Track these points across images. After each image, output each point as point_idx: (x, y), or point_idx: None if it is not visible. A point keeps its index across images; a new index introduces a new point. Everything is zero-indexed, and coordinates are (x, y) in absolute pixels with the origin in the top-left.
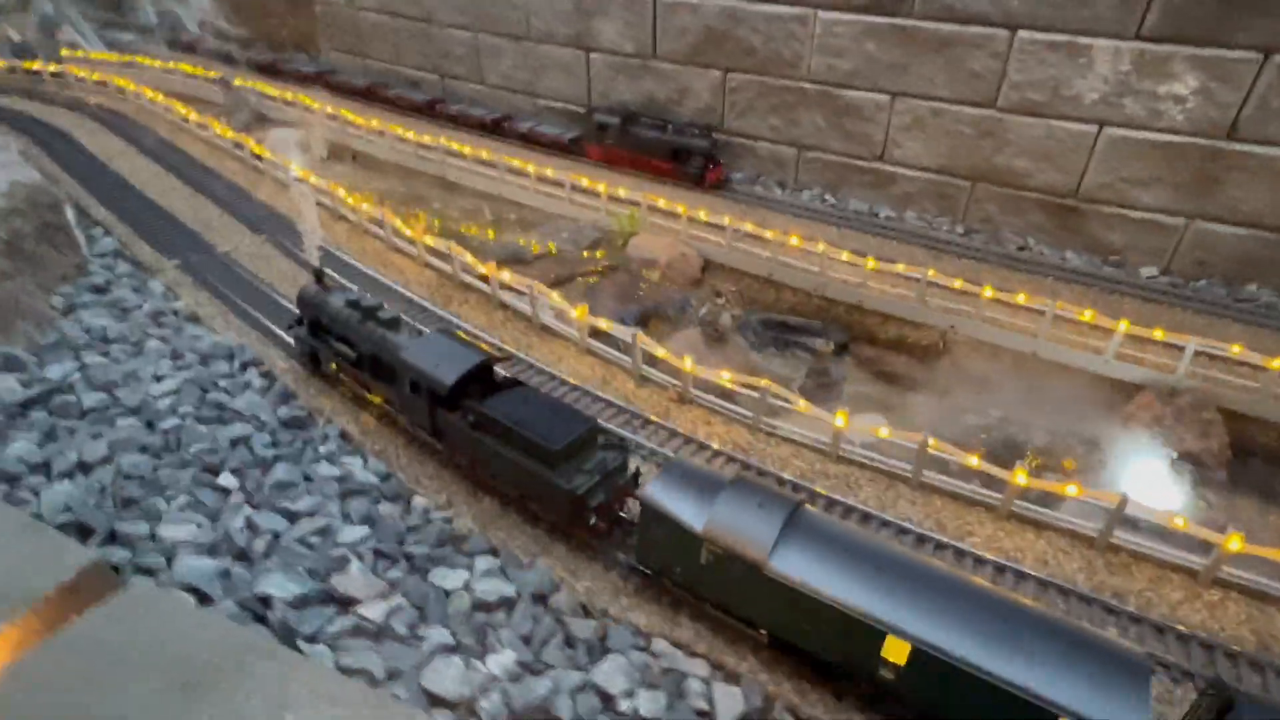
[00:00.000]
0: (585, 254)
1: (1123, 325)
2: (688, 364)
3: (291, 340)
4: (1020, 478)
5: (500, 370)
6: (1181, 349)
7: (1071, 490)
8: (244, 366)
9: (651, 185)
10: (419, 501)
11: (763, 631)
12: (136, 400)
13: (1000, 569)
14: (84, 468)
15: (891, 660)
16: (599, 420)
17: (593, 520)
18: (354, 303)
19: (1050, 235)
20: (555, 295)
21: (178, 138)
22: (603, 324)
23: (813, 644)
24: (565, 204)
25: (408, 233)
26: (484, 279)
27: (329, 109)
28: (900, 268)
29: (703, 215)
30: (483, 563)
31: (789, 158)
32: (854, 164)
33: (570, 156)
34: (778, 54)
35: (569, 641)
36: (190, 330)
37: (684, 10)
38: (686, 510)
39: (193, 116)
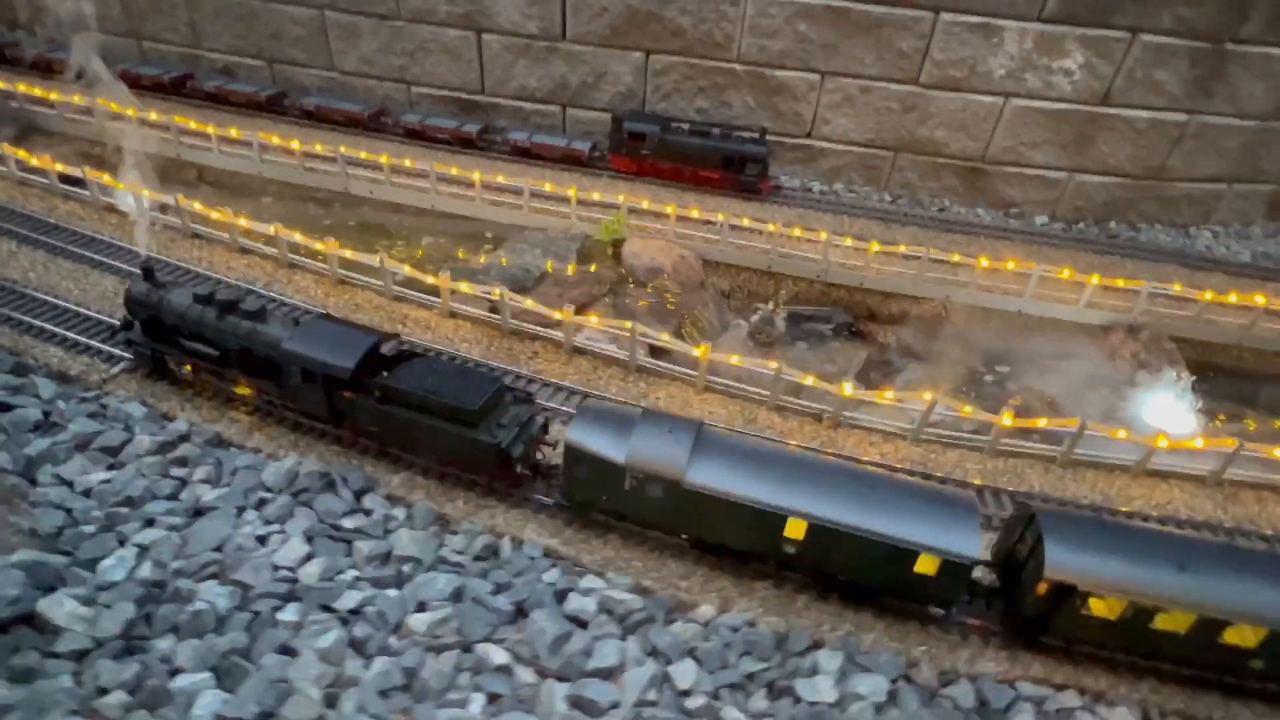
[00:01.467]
0: (574, 268)
1: (1094, 279)
2: (844, 389)
3: (119, 349)
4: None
5: (387, 345)
6: (1136, 292)
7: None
8: None
9: (687, 196)
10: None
11: (684, 536)
12: None
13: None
14: None
15: (792, 537)
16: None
17: (519, 469)
18: (205, 297)
19: (961, 196)
20: (628, 325)
21: None
22: (734, 359)
23: (728, 538)
24: (524, 213)
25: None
26: (555, 325)
27: (149, 114)
28: (902, 248)
29: (694, 213)
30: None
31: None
32: (785, 141)
33: (585, 170)
34: (708, 35)
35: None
36: None
37: None
38: (607, 446)
39: None
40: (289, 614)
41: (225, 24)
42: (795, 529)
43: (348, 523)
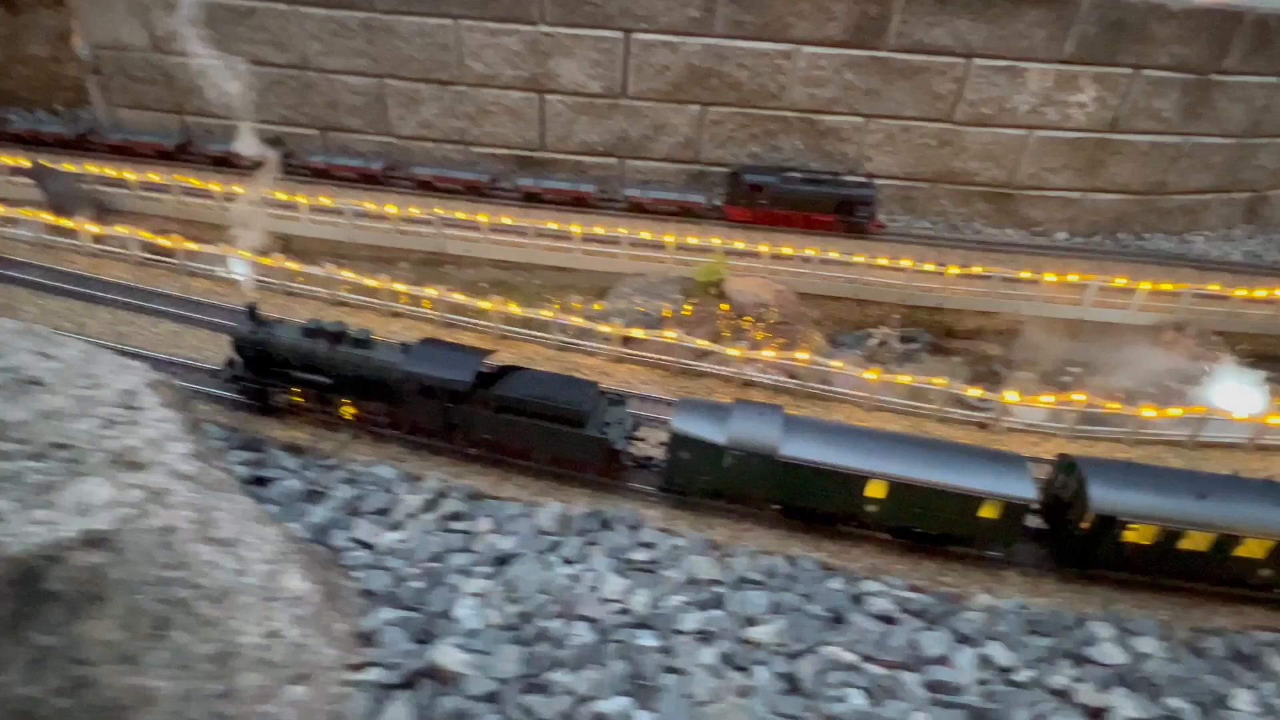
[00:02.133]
0: (689, 308)
1: (1145, 285)
2: (1005, 397)
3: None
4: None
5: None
6: (1178, 294)
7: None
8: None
9: (794, 238)
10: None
11: (775, 506)
12: None
13: None
14: None
15: (873, 496)
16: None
17: (623, 461)
18: (314, 331)
19: (990, 219)
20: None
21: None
22: (905, 379)
23: (815, 502)
24: (622, 261)
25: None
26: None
27: (259, 190)
28: (978, 269)
29: (786, 251)
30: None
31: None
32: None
33: (700, 220)
34: (763, 86)
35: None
36: None
37: (663, 49)
38: (708, 431)
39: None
40: (648, 639)
41: (279, 95)
42: (876, 489)
43: (638, 555)
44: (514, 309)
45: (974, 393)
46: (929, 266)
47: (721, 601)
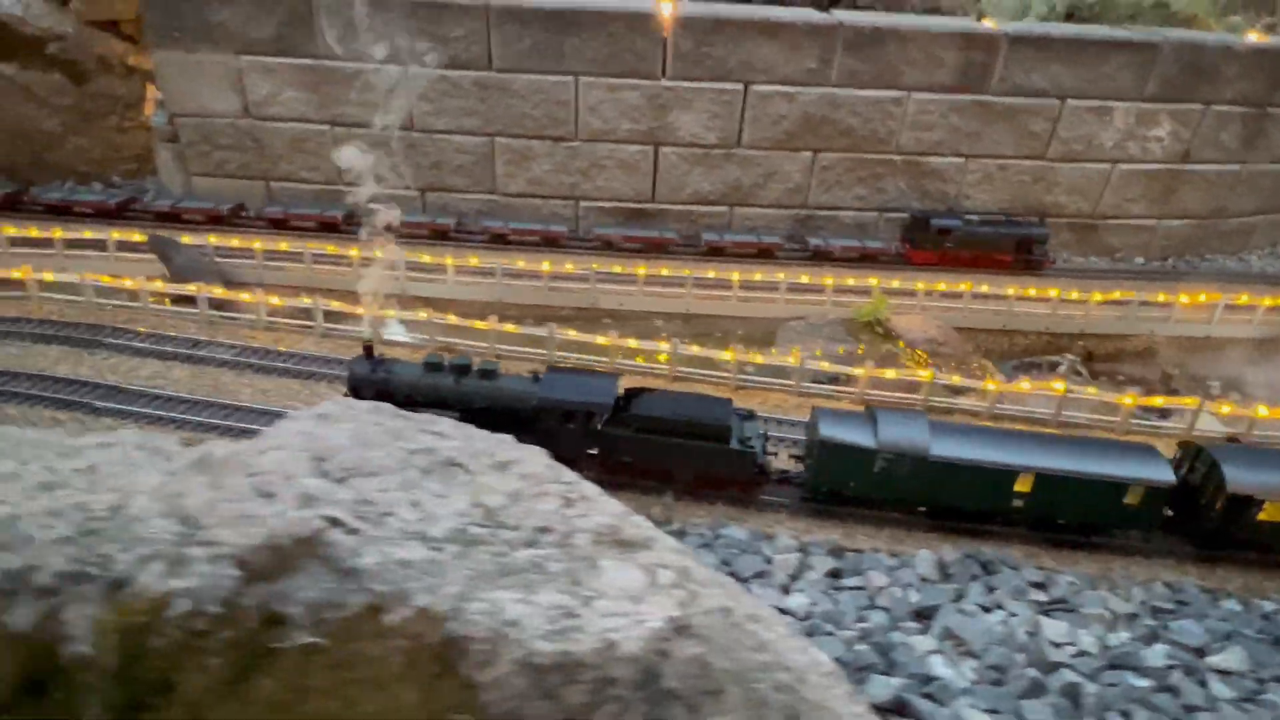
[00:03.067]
0: (863, 348)
1: (1266, 301)
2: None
3: None
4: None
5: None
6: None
7: None
8: None
9: (976, 275)
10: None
11: (922, 509)
12: None
13: None
14: None
15: (1020, 491)
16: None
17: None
18: (435, 365)
19: (1073, 247)
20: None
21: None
22: (1091, 391)
23: (963, 501)
24: (780, 305)
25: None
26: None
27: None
28: (1117, 294)
29: (940, 287)
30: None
31: (870, 221)
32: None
33: (881, 266)
34: (873, 132)
35: None
36: None
37: (780, 99)
38: (857, 437)
39: (246, 297)
40: (1136, 680)
41: (380, 157)
42: (1023, 484)
43: (1038, 595)
44: (756, 359)
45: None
46: (1074, 295)
47: (1157, 634)
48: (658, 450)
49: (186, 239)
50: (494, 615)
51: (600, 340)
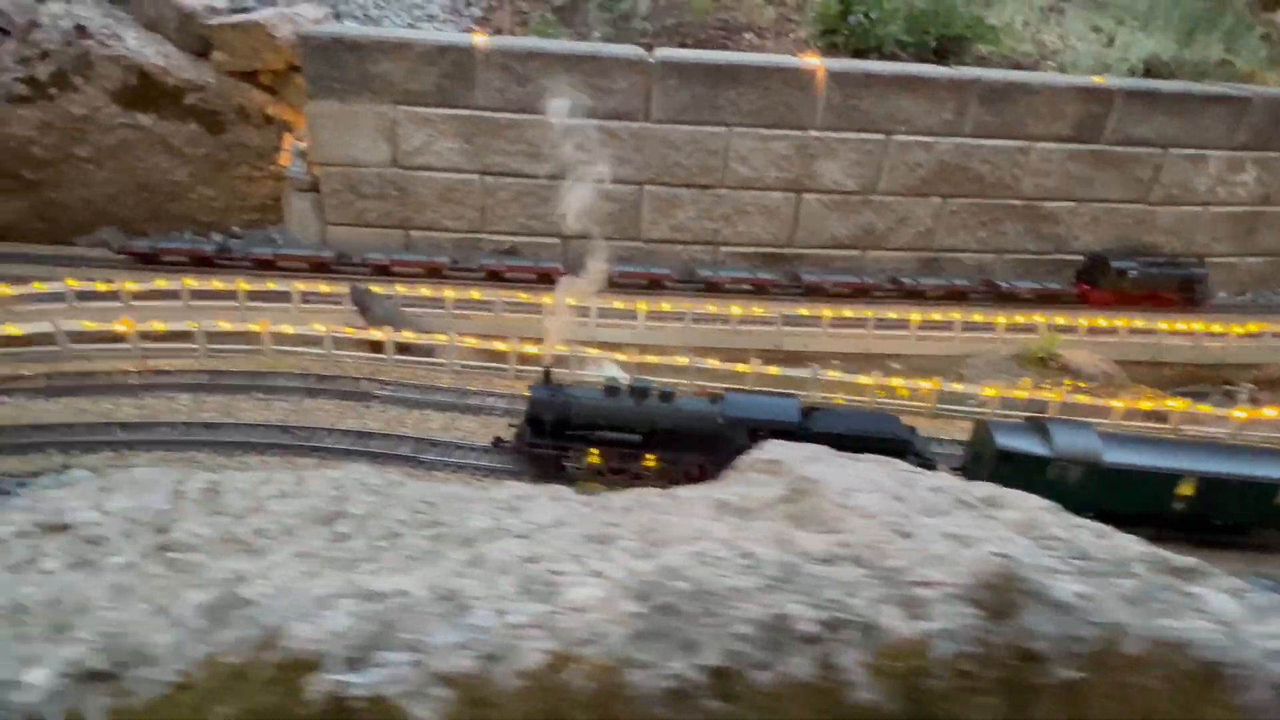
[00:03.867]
0: (1028, 381)
1: None
2: None
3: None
4: None
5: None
6: None
7: None
8: None
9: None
10: None
11: (1090, 514)
12: None
13: None
14: None
15: (1182, 495)
16: None
17: None
18: (615, 390)
19: None
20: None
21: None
22: None
23: (1128, 505)
24: (956, 343)
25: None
26: None
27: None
28: (1253, 327)
29: (1101, 323)
30: None
31: (990, 262)
32: (1042, 259)
33: (1059, 305)
34: (1000, 179)
35: None
36: None
37: (918, 148)
38: (1031, 446)
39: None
40: None
41: (523, 205)
42: (1186, 487)
43: None
44: (1019, 395)
45: None
46: (1217, 328)
47: None
48: None
49: (377, 289)
50: (1220, 640)
51: (861, 380)
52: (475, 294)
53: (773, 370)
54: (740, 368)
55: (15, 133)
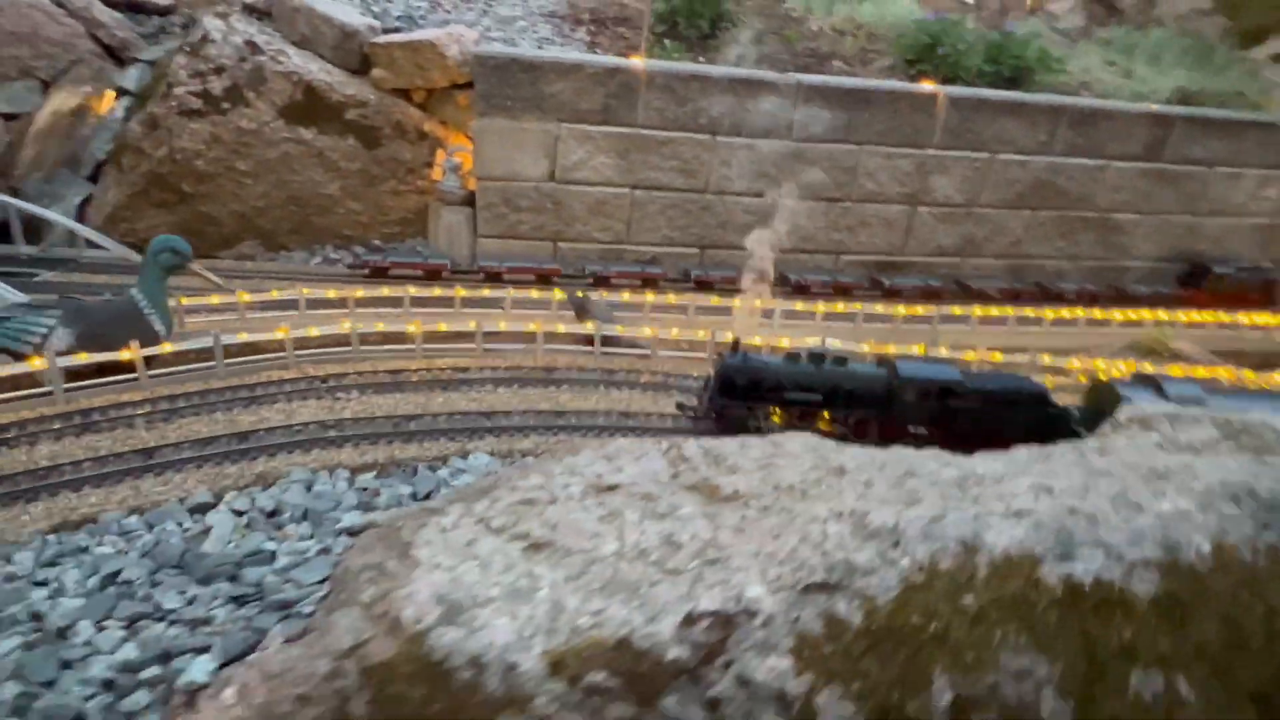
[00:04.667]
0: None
1: None
2: None
3: (700, 416)
4: None
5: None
6: None
7: None
8: None
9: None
10: None
11: None
12: None
13: None
14: None
15: None
16: None
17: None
18: (795, 356)
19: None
20: None
21: None
22: None
23: None
24: (1077, 336)
25: None
26: None
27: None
28: None
29: (1193, 317)
30: None
31: (1069, 269)
32: (1107, 265)
33: (1166, 304)
34: (1081, 194)
35: None
36: None
37: (1015, 166)
38: (1152, 398)
39: None
40: None
41: (670, 218)
42: None
43: None
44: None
45: None
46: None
47: None
48: (992, 417)
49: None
50: None
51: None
52: (671, 298)
53: (996, 357)
54: (969, 355)
55: (185, 146)
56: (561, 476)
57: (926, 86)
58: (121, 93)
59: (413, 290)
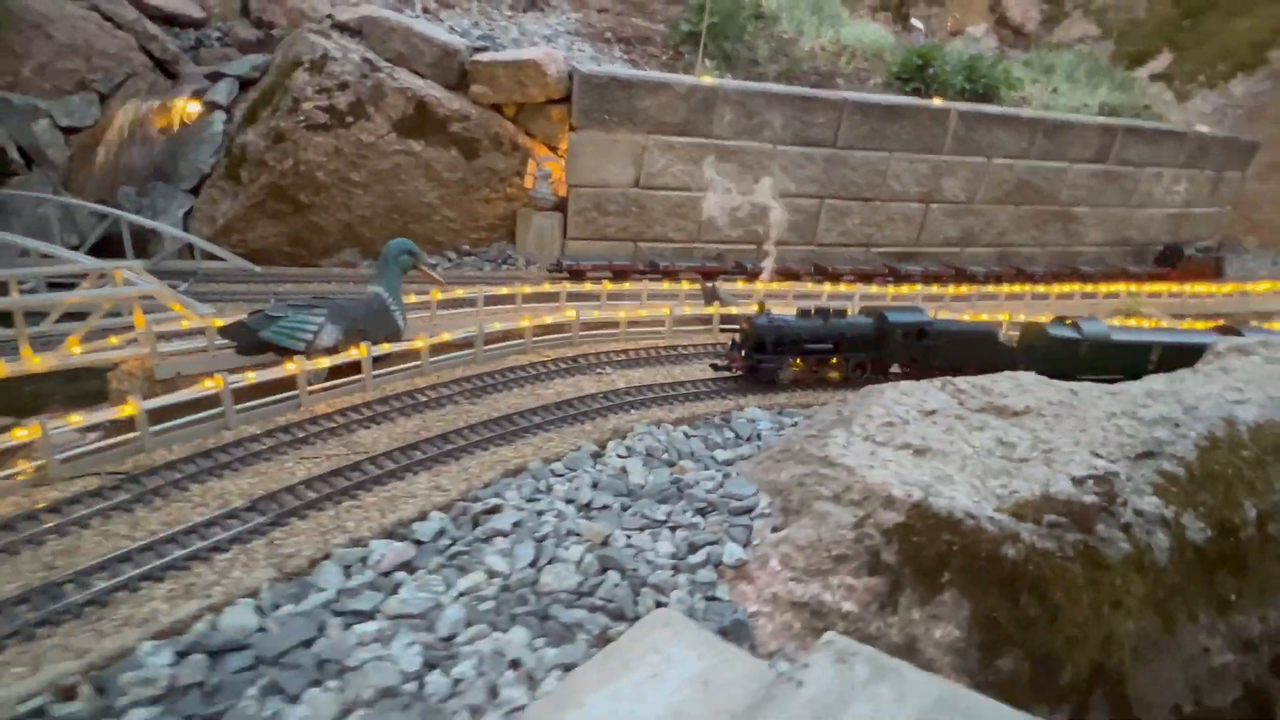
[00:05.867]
0: None
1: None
2: None
3: (738, 372)
4: None
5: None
6: None
7: None
8: None
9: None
10: None
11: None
12: None
13: None
14: None
15: (1152, 358)
16: None
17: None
18: (807, 312)
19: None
20: None
21: None
22: None
23: (1124, 368)
24: (1075, 308)
25: None
26: None
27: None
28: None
29: (1157, 288)
30: None
31: (1039, 254)
32: (1066, 250)
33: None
34: (1050, 192)
35: None
36: None
37: (1005, 169)
38: (1070, 334)
39: None
40: None
41: (732, 219)
42: (1155, 353)
43: None
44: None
45: None
46: (1230, 288)
47: None
48: (955, 352)
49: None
50: None
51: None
52: (740, 284)
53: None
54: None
55: (310, 158)
56: (896, 407)
57: (940, 103)
58: (212, 106)
59: (608, 286)
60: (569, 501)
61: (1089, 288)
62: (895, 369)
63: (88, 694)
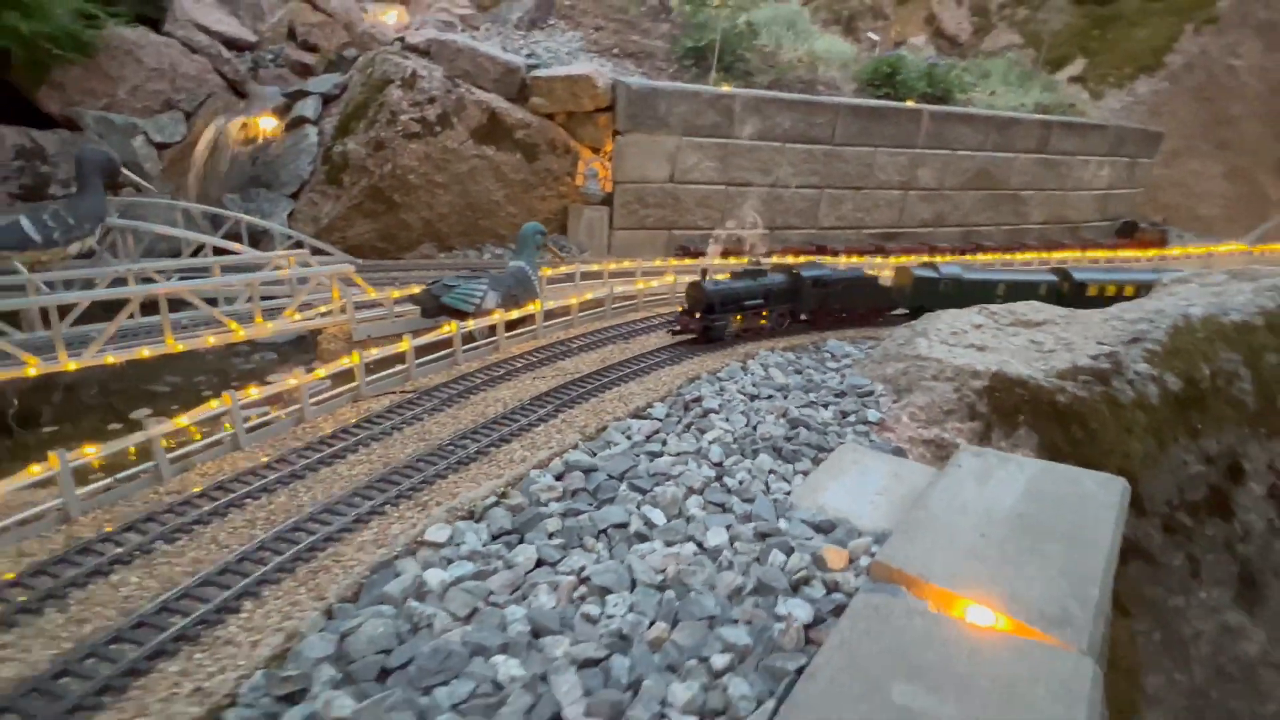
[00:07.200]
0: None
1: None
2: None
3: (692, 332)
4: None
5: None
6: None
7: None
8: None
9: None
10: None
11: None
12: None
13: None
14: None
15: (999, 293)
16: None
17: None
18: (739, 274)
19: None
20: None
21: None
22: None
23: (978, 300)
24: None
25: None
26: None
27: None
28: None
29: (1105, 255)
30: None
31: (994, 233)
32: (1015, 228)
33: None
34: (1003, 178)
35: None
36: None
37: (967, 159)
38: (931, 274)
39: None
40: None
41: (751, 208)
42: (1001, 289)
43: None
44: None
45: None
46: (1175, 251)
47: None
48: (850, 296)
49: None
50: None
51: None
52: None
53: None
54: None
55: (404, 163)
56: (955, 322)
57: (913, 104)
58: (300, 121)
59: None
60: (742, 394)
61: (1044, 254)
62: (804, 316)
63: (516, 495)
